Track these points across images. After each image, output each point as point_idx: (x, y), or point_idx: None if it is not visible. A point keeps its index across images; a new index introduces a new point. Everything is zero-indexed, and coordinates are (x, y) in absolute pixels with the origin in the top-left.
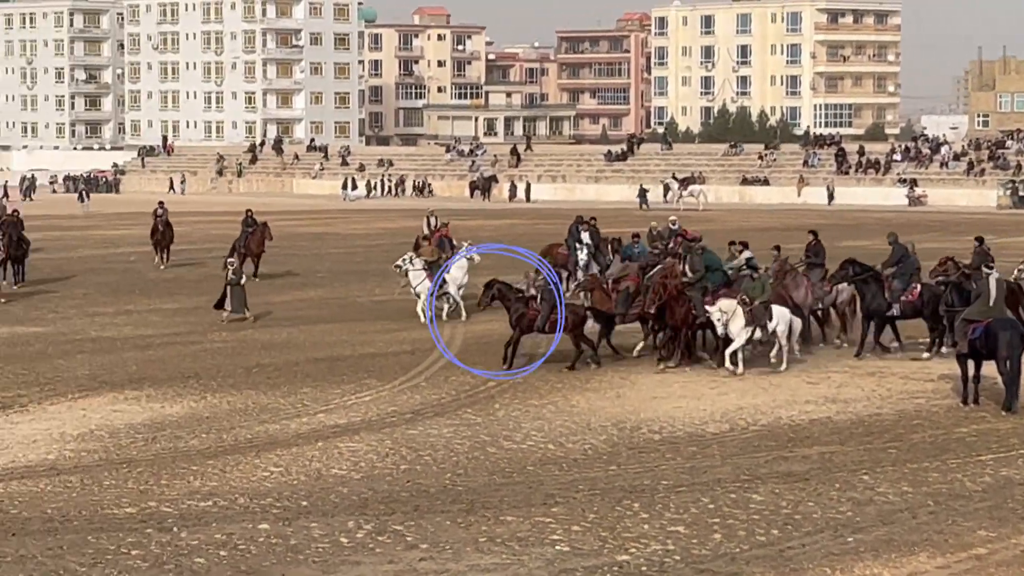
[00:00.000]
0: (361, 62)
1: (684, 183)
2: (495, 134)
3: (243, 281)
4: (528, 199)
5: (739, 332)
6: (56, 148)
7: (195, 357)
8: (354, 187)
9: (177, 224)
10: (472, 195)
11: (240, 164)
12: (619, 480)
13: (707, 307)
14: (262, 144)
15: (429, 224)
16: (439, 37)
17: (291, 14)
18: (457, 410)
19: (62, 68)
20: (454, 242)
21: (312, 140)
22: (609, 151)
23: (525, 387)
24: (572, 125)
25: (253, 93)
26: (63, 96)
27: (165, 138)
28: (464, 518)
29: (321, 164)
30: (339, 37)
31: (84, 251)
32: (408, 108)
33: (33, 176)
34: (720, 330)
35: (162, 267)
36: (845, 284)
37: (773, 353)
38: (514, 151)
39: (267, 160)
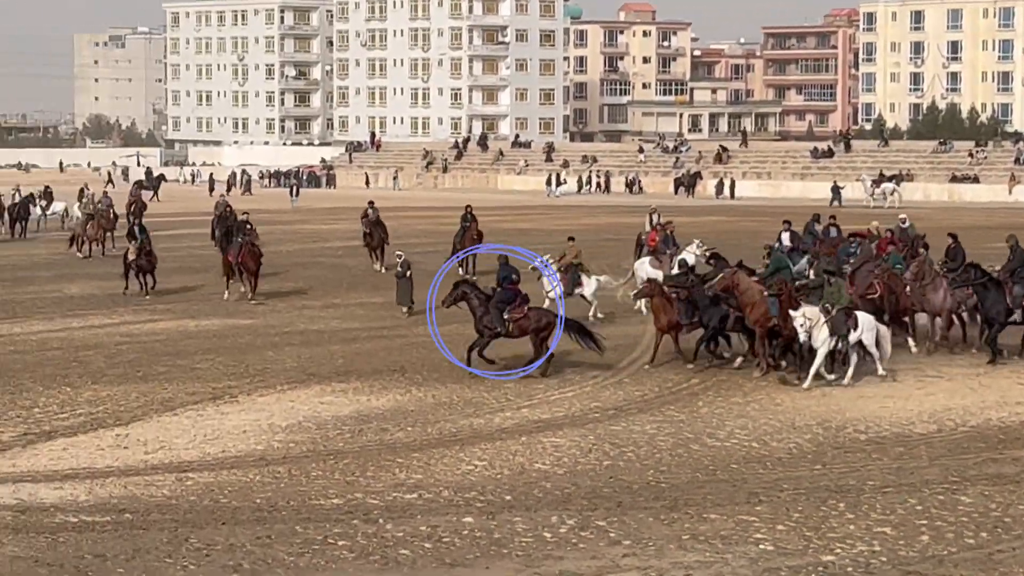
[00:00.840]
0: (566, 58)
1: (876, 182)
2: (699, 130)
3: (408, 274)
4: (732, 196)
5: (823, 342)
6: (266, 144)
7: (400, 351)
8: (559, 183)
9: (386, 220)
10: (676, 192)
11: (446, 160)
12: (824, 480)
13: (791, 312)
14: (467, 140)
15: (651, 221)
16: (644, 33)
17: (497, 11)
18: (660, 407)
19: (272, 65)
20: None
21: (517, 136)
22: (815, 148)
23: (729, 384)
24: (778, 122)
25: (459, 89)
26: (273, 92)
27: (373, 134)
28: (667, 515)
29: (525, 160)
30: (545, 34)
31: (293, 245)
32: (612, 104)
33: (245, 171)
34: (803, 337)
35: (382, 271)
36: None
37: (879, 368)
38: (723, 151)
39: (472, 156)
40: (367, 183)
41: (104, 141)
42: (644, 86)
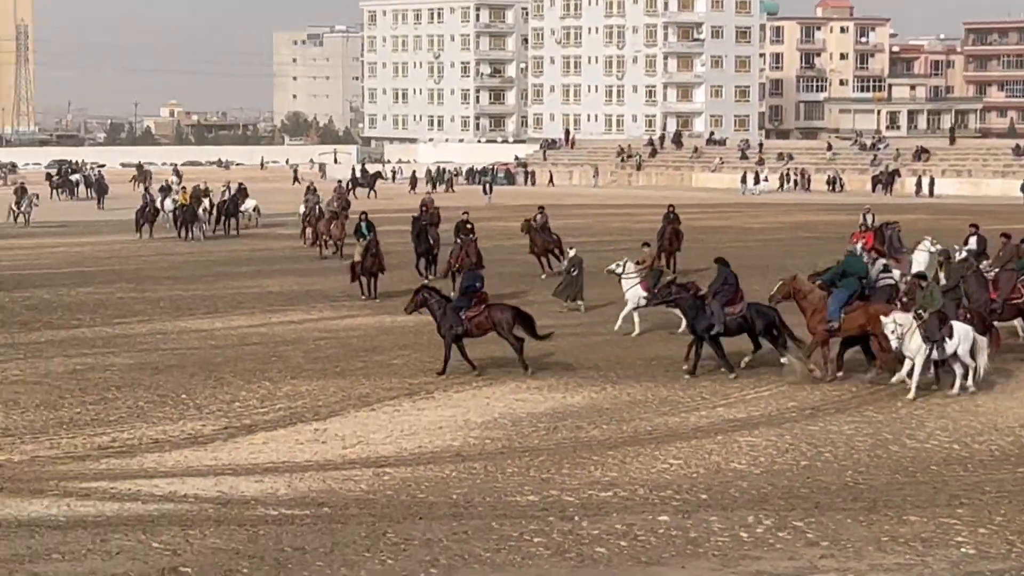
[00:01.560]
0: (762, 55)
1: None
2: (897, 128)
3: (575, 273)
4: (931, 194)
5: (917, 351)
6: (460, 141)
7: (595, 348)
8: (756, 181)
9: (581, 217)
10: (874, 189)
11: (639, 157)
12: None
13: (882, 318)
14: (662, 137)
15: (865, 220)
16: (842, 30)
17: (692, 7)
18: (858, 407)
19: (468, 62)
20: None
21: (711, 133)
22: (1017, 145)
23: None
24: (978, 119)
25: (653, 87)
26: (468, 90)
27: (567, 131)
28: (866, 516)
29: (720, 158)
30: (740, 30)
31: (487, 243)
32: (809, 101)
33: (446, 168)
34: (893, 343)
35: (543, 276)
36: None
37: (967, 382)
38: (922, 151)
39: (666, 153)
40: (550, 180)
41: (301, 138)
42: (841, 83)
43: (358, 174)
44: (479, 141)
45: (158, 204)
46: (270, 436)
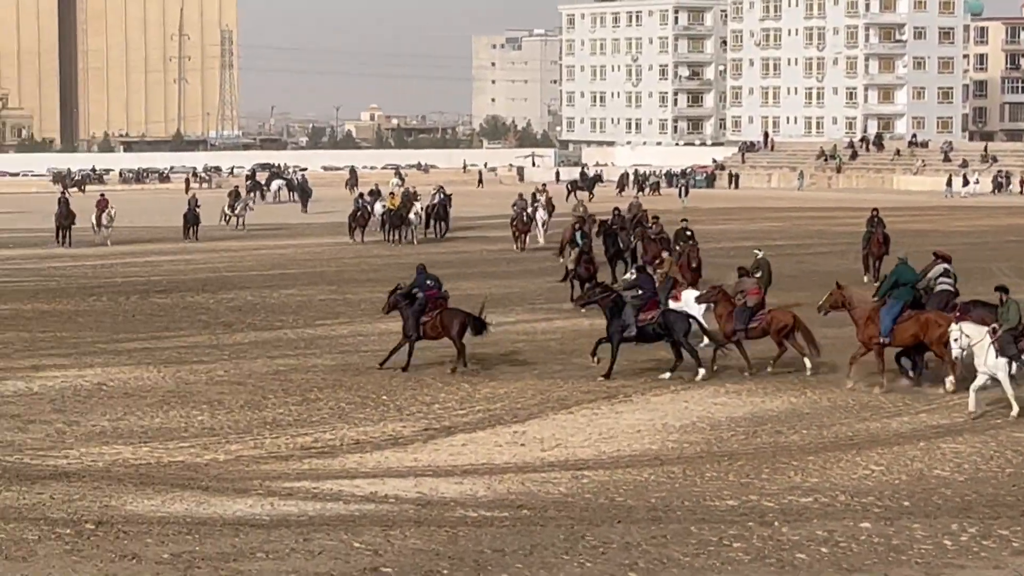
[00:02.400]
0: (966, 56)
1: None
2: None
3: (759, 275)
4: None
5: (996, 367)
6: (658, 144)
7: (795, 352)
8: (964, 183)
9: (779, 220)
10: None
11: (839, 159)
12: None
13: (951, 327)
14: (862, 140)
15: None
16: None
17: (895, 8)
18: None
19: (666, 65)
20: None
21: (913, 136)
22: None
23: None
24: None
25: (854, 88)
26: (666, 93)
27: (766, 134)
28: None
29: (923, 160)
30: (944, 31)
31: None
32: (1014, 103)
33: (649, 171)
34: (955, 352)
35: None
36: None
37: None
38: None
39: (867, 155)
40: (732, 183)
41: (500, 142)
42: None
43: (577, 177)
44: (677, 144)
45: (370, 208)
46: (469, 438)
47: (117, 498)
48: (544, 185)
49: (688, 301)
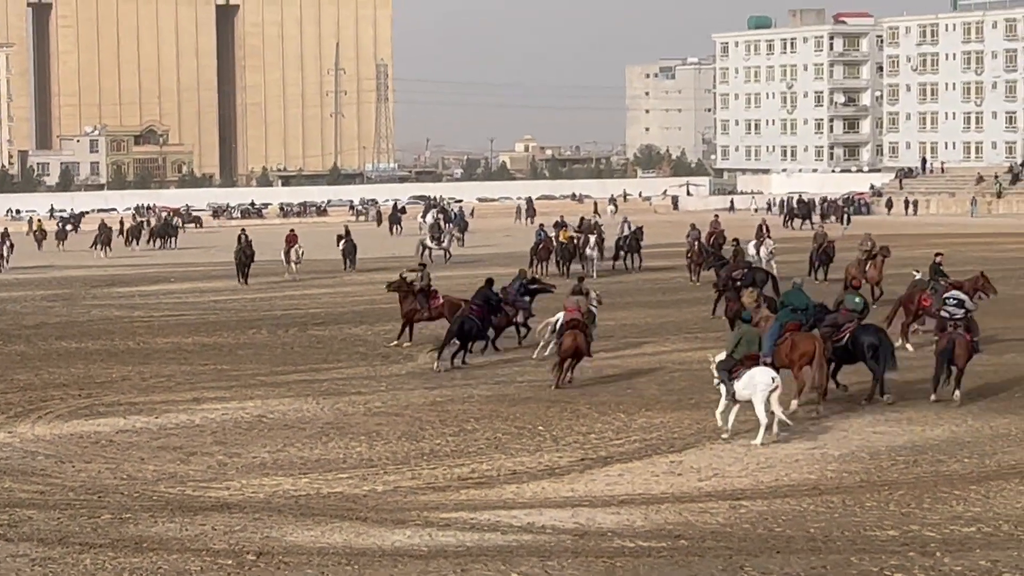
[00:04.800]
0: None
1: None
2: None
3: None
4: None
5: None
6: (814, 171)
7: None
8: None
9: (938, 246)
10: None
11: (1000, 184)
12: None
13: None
14: (1023, 164)
15: None
16: None
17: None
18: None
19: (821, 92)
20: None
21: None
22: None
23: None
24: None
25: (1014, 113)
26: (822, 119)
27: (924, 160)
28: None
29: None
30: None
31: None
32: None
33: (803, 198)
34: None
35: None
36: None
37: None
38: None
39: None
40: (888, 207)
41: (654, 171)
42: None
43: (795, 204)
44: (833, 171)
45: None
46: (626, 468)
47: (277, 529)
48: (716, 215)
49: None
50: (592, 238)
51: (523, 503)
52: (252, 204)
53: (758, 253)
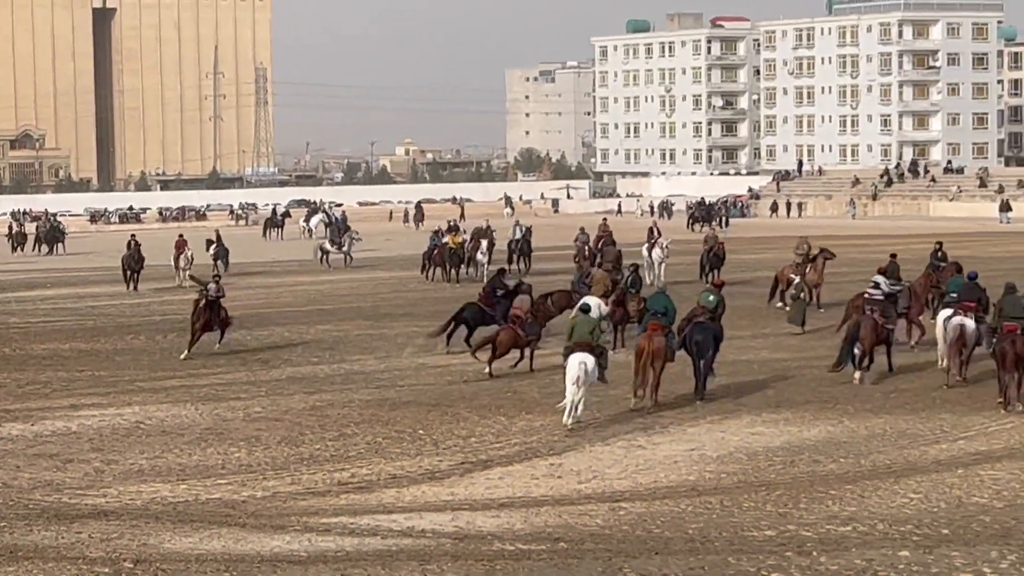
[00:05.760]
0: (1000, 81)
1: None
2: None
3: (801, 295)
4: None
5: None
6: (693, 174)
7: (832, 380)
8: (1008, 209)
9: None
10: None
11: (875, 187)
12: None
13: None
14: (897, 167)
15: None
16: None
17: (928, 35)
18: None
19: (699, 95)
20: None
21: (949, 162)
22: None
23: None
24: None
25: (888, 116)
26: (700, 123)
27: (800, 162)
28: None
29: (958, 186)
30: (977, 56)
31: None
32: None
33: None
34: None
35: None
36: None
37: None
38: None
39: (902, 183)
40: (773, 209)
41: (534, 174)
42: None
43: (695, 209)
44: (711, 173)
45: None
46: (506, 471)
47: (155, 536)
48: (604, 220)
49: None
50: (484, 243)
51: (403, 507)
52: (131, 209)
53: (650, 256)
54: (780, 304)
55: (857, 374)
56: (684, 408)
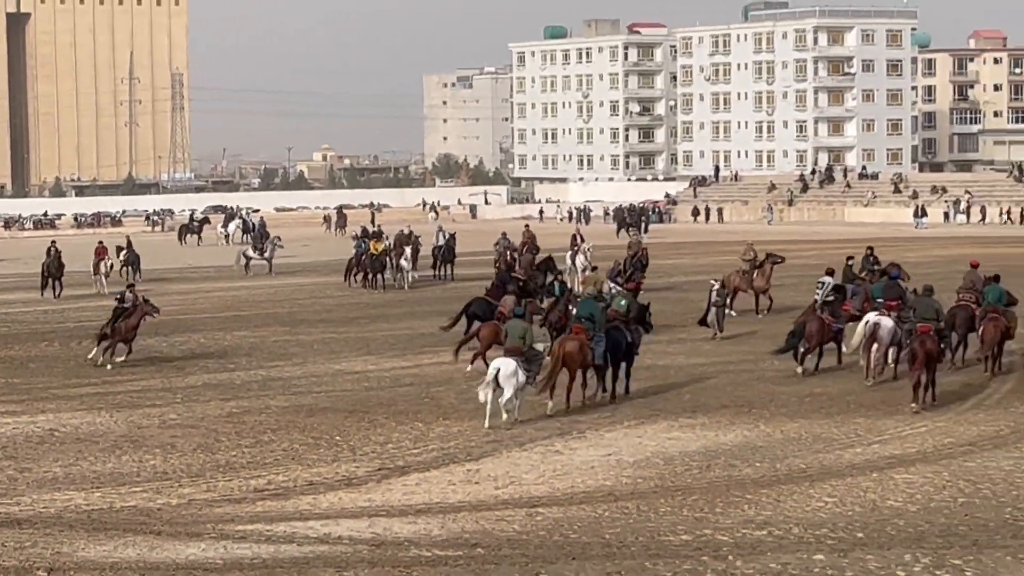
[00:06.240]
0: (914, 88)
1: None
2: None
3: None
4: None
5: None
6: (610, 180)
7: (747, 385)
8: (924, 214)
9: (728, 253)
10: None
11: (792, 193)
12: None
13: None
14: (813, 172)
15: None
16: (995, 60)
17: (843, 42)
18: (1016, 442)
19: (617, 101)
20: None
21: (864, 168)
22: None
23: None
24: None
25: (804, 122)
26: (618, 129)
27: (717, 168)
28: None
29: (873, 192)
30: (892, 63)
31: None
32: (963, 134)
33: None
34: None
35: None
36: None
37: None
38: None
39: (818, 188)
40: (697, 215)
41: (452, 180)
42: (995, 114)
43: (625, 214)
44: (629, 179)
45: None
46: (423, 477)
47: (69, 544)
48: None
49: None
50: (407, 249)
51: (319, 514)
52: (45, 215)
53: (574, 263)
54: (734, 313)
55: (799, 369)
56: (601, 413)
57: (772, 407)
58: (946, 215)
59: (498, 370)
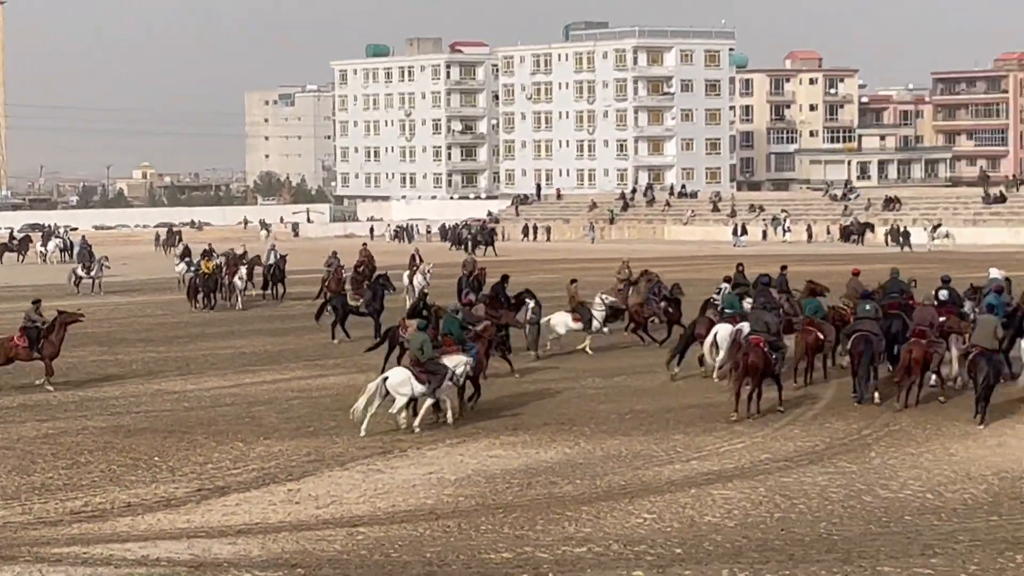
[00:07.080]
0: (732, 108)
1: (935, 228)
2: (868, 178)
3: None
4: (905, 245)
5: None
6: (433, 198)
7: (568, 403)
8: (743, 232)
9: (550, 272)
10: (847, 240)
11: (612, 212)
12: (1001, 531)
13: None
14: (633, 191)
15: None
16: (811, 81)
17: (662, 62)
18: (831, 458)
19: (439, 119)
20: None
21: (683, 186)
22: (987, 193)
23: (901, 434)
24: (948, 167)
25: (625, 140)
26: (440, 147)
27: (539, 186)
28: (840, 568)
29: (692, 210)
30: (710, 83)
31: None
32: (780, 153)
33: (411, 225)
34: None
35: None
36: None
37: None
38: (891, 200)
39: (639, 207)
40: (528, 234)
41: (274, 198)
42: (811, 134)
43: (474, 231)
44: (452, 198)
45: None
46: (243, 497)
47: None
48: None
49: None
50: (242, 268)
51: (138, 535)
52: None
53: (411, 283)
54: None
55: (676, 369)
56: (423, 431)
57: (592, 424)
58: (764, 233)
59: (386, 378)
